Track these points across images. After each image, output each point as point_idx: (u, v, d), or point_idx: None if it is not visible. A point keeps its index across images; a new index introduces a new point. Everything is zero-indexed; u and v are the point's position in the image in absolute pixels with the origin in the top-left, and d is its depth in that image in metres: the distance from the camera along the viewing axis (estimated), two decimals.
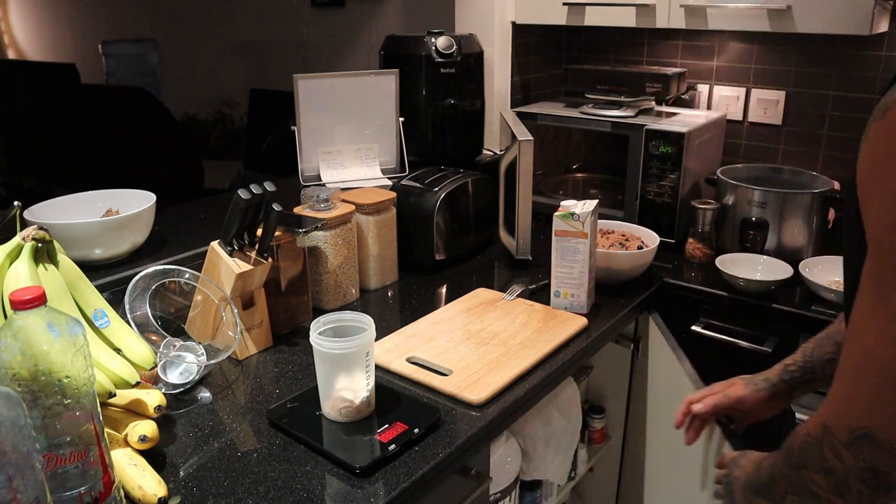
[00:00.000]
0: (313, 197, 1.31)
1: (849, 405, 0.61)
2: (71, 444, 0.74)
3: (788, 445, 0.71)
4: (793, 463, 0.69)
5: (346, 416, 0.97)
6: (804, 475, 0.67)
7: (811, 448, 0.65)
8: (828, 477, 0.64)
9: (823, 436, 0.64)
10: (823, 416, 0.64)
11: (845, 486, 0.63)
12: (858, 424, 0.60)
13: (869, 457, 0.60)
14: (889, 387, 0.58)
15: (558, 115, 1.77)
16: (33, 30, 5.33)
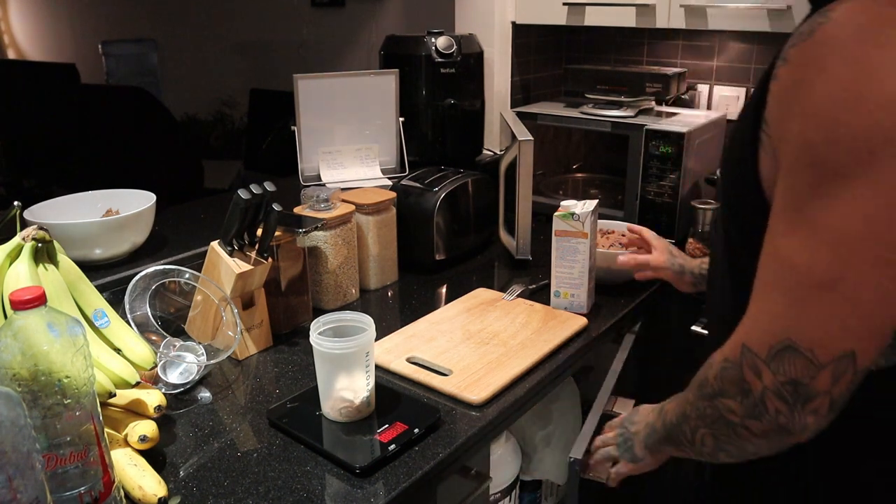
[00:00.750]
0: (313, 197, 1.31)
1: (769, 320, 0.62)
2: (71, 444, 0.74)
3: (701, 378, 0.71)
4: (707, 394, 0.69)
5: (346, 416, 0.97)
6: (718, 404, 0.68)
7: (729, 372, 0.66)
8: (744, 401, 0.65)
9: (742, 356, 0.64)
10: (742, 338, 0.65)
11: (762, 406, 0.63)
12: (779, 338, 0.61)
13: (789, 369, 0.61)
14: (809, 294, 0.59)
15: (558, 115, 1.77)
16: (33, 30, 5.34)
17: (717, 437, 0.70)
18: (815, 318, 0.59)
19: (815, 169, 0.58)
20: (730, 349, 0.66)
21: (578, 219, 1.24)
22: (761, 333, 0.63)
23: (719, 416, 0.68)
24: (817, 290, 0.58)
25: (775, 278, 0.62)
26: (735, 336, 0.66)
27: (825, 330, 0.59)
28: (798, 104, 0.58)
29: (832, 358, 0.59)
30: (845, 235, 0.57)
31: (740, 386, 0.65)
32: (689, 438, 0.74)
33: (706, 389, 0.69)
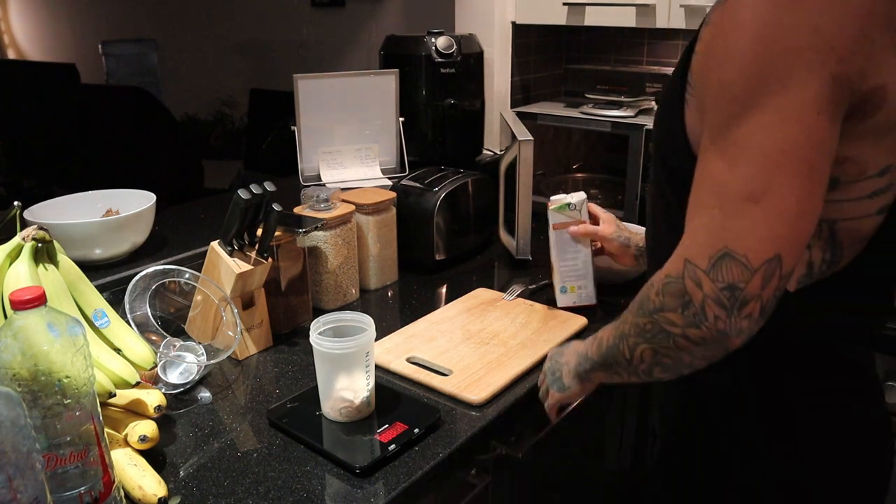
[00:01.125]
0: (313, 197, 1.31)
1: (706, 233, 0.68)
2: (71, 444, 0.74)
3: (641, 297, 0.76)
4: (648, 310, 0.74)
5: (346, 416, 0.97)
6: (659, 318, 0.73)
7: (671, 286, 0.71)
8: (684, 312, 0.70)
9: (685, 269, 0.70)
10: (683, 253, 0.70)
11: (702, 314, 0.69)
12: (717, 248, 0.67)
13: (727, 275, 0.67)
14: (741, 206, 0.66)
15: (558, 115, 1.77)
16: (33, 30, 5.34)
17: (657, 350, 0.75)
18: (746, 226, 0.66)
19: (734, 101, 0.67)
20: (672, 266, 0.72)
21: (575, 208, 1.24)
22: (700, 246, 0.69)
23: (660, 330, 0.73)
24: (747, 202, 0.66)
25: (709, 197, 0.69)
26: (676, 254, 0.72)
27: (756, 236, 0.66)
28: (718, 53, 0.69)
29: (762, 261, 0.66)
30: (766, 153, 0.65)
31: (682, 298, 0.70)
32: (627, 357, 0.79)
33: (647, 306, 0.74)
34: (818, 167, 0.66)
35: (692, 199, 0.72)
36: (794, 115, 0.65)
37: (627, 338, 0.78)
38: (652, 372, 0.78)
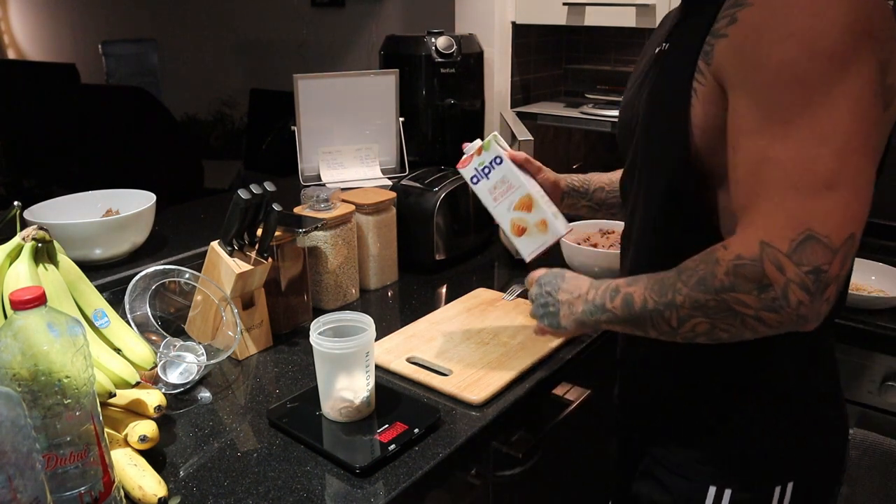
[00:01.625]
0: (313, 197, 1.31)
1: (788, 216, 0.67)
2: (71, 444, 0.74)
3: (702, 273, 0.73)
4: (713, 288, 0.72)
5: (346, 416, 0.97)
6: (727, 298, 0.71)
7: (746, 269, 0.69)
8: (761, 295, 0.69)
9: (763, 252, 0.68)
10: (757, 236, 0.69)
11: (783, 299, 0.68)
12: (799, 230, 0.67)
13: (812, 258, 0.66)
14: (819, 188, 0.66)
15: (558, 115, 1.77)
16: (33, 30, 5.33)
17: (715, 325, 0.74)
18: (828, 208, 0.66)
19: (797, 82, 0.67)
20: (743, 247, 0.70)
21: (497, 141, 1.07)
22: (781, 229, 0.67)
23: (727, 308, 0.72)
24: (827, 185, 0.66)
25: (780, 180, 0.68)
26: (746, 234, 0.70)
27: (836, 217, 0.66)
28: (771, 33, 0.68)
29: (843, 241, 0.67)
30: (841, 133, 0.66)
31: (759, 281, 0.68)
32: (674, 325, 0.77)
33: (712, 284, 0.72)
34: (878, 147, 0.70)
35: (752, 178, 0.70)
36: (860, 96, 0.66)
37: (679, 308, 0.76)
38: (695, 339, 0.78)
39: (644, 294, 0.81)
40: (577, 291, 0.92)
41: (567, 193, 1.18)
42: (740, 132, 0.71)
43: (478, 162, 1.06)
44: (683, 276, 0.76)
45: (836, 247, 0.66)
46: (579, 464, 1.41)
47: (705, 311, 0.74)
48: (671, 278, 0.78)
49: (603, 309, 0.87)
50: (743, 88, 0.71)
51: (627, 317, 0.83)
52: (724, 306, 0.72)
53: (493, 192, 1.05)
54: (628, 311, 0.83)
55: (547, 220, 1.03)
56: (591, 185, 1.19)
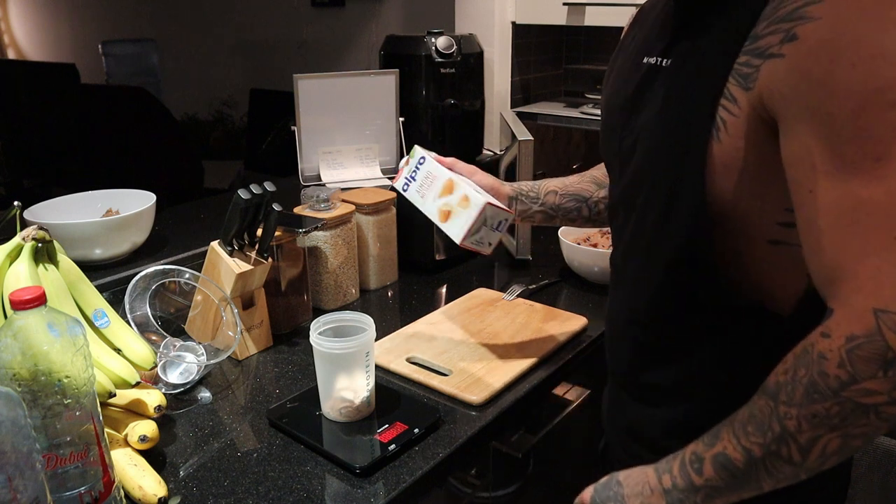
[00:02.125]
0: (313, 197, 1.31)
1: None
2: (71, 444, 0.74)
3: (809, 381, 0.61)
4: (831, 390, 0.59)
5: (346, 416, 0.97)
6: (850, 394, 0.59)
7: (864, 349, 0.57)
8: (889, 372, 0.57)
9: (878, 322, 0.57)
10: (868, 304, 0.58)
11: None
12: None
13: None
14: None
15: (558, 115, 1.77)
16: (33, 30, 5.33)
17: (847, 435, 0.61)
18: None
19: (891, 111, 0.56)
20: (855, 324, 0.58)
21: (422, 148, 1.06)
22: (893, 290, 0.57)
23: (853, 408, 0.59)
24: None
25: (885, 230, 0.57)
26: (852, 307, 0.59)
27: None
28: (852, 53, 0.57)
29: None
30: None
31: (883, 357, 0.57)
32: (796, 460, 0.64)
33: (826, 387, 0.60)
34: None
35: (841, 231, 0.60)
36: None
37: (797, 436, 0.62)
38: (825, 464, 0.64)
39: (741, 445, 0.66)
40: (645, 487, 0.75)
41: (515, 199, 1.09)
42: (816, 172, 0.60)
43: (406, 171, 1.05)
44: (783, 397, 0.63)
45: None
46: (579, 464, 1.41)
47: (830, 423, 0.61)
48: (766, 408, 0.65)
49: (693, 488, 0.70)
50: (815, 120, 0.59)
51: (731, 481, 0.68)
52: (851, 406, 0.59)
53: (420, 191, 1.02)
54: (730, 475, 0.68)
55: (468, 195, 0.96)
56: (541, 190, 1.10)
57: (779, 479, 0.66)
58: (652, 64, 0.77)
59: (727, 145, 0.66)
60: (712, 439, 0.70)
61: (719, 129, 0.66)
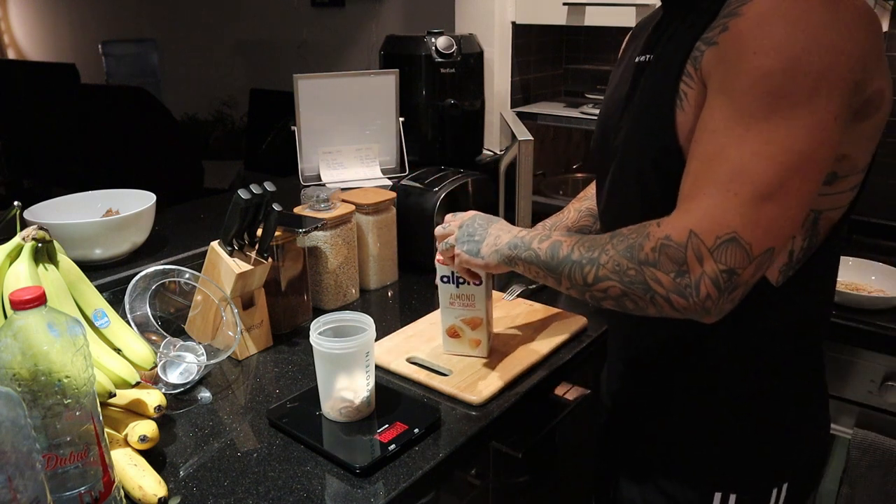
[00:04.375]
0: (313, 197, 1.31)
1: (720, 214, 0.70)
2: (71, 444, 0.74)
3: (633, 242, 0.76)
4: (638, 259, 0.75)
5: (346, 416, 0.97)
6: (646, 271, 0.74)
7: (671, 251, 0.72)
8: (677, 279, 0.72)
9: (689, 240, 0.71)
10: (690, 224, 0.71)
11: (694, 288, 0.71)
12: (726, 230, 0.69)
13: (730, 260, 0.70)
14: (758, 198, 0.69)
15: (558, 115, 1.77)
16: (33, 30, 5.34)
17: (626, 293, 0.77)
18: (758, 218, 0.69)
19: (769, 93, 0.68)
20: (674, 230, 0.72)
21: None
22: (710, 224, 0.70)
23: (642, 282, 0.75)
24: (763, 196, 0.69)
25: (727, 179, 0.70)
26: (680, 220, 0.73)
27: (763, 228, 0.69)
28: (756, 42, 0.69)
29: (761, 252, 0.70)
30: (791, 152, 0.68)
31: (678, 265, 0.72)
32: (588, 281, 0.80)
33: (637, 254, 0.75)
34: (824, 170, 0.72)
35: (701, 171, 0.73)
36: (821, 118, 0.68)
37: (601, 266, 0.79)
38: (602, 301, 0.80)
39: (573, 245, 0.83)
40: (508, 229, 0.94)
41: None
42: (706, 129, 0.73)
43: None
44: (615, 240, 0.79)
45: (754, 255, 0.70)
46: (579, 464, 1.41)
47: (623, 277, 0.76)
48: (603, 238, 0.81)
49: (527, 246, 0.89)
50: (721, 91, 0.73)
51: (549, 260, 0.85)
52: (641, 279, 0.75)
53: (452, 299, 1.09)
54: (551, 255, 0.85)
55: (481, 342, 1.11)
56: None
57: (571, 284, 0.83)
58: (640, 62, 0.87)
59: (689, 114, 0.77)
60: (567, 234, 0.86)
61: (682, 99, 0.77)
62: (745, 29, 0.71)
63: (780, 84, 0.68)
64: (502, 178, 1.56)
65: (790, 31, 0.68)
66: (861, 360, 1.38)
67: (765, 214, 0.69)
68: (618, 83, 0.94)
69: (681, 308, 0.73)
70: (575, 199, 1.24)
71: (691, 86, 0.76)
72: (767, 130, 0.69)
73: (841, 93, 0.69)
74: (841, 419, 1.41)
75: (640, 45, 0.90)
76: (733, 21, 0.72)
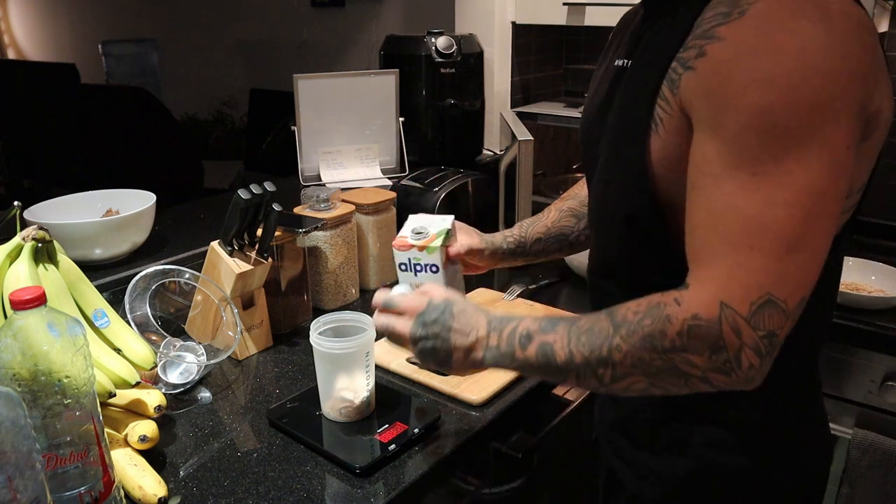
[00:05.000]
0: (313, 197, 1.31)
1: (747, 276, 0.63)
2: (71, 444, 0.74)
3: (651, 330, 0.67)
4: (662, 348, 0.67)
5: (346, 416, 0.97)
6: (675, 358, 0.67)
7: (702, 331, 0.65)
8: (713, 356, 0.65)
9: (721, 314, 0.64)
10: (716, 295, 0.64)
11: (735, 362, 0.65)
12: (760, 293, 0.63)
13: (769, 322, 0.63)
14: (784, 250, 0.62)
15: (558, 115, 1.77)
16: (33, 30, 5.33)
17: (655, 385, 0.69)
18: (788, 271, 0.63)
19: (772, 133, 0.61)
20: (701, 306, 0.65)
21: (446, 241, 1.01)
22: (740, 290, 0.64)
23: (672, 368, 0.67)
24: (790, 247, 0.62)
25: (743, 235, 0.63)
26: (704, 292, 0.66)
27: (795, 281, 0.63)
28: (747, 74, 0.62)
29: (796, 305, 0.64)
30: (810, 194, 0.62)
31: (714, 343, 0.65)
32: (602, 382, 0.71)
33: (661, 344, 0.67)
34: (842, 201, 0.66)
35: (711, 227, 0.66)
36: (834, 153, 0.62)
37: (617, 365, 0.70)
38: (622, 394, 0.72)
39: (568, 347, 0.74)
40: (473, 333, 0.79)
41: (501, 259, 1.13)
42: (704, 174, 0.66)
43: (414, 255, 0.99)
44: (623, 332, 0.70)
45: (790, 311, 0.64)
46: (580, 464, 1.41)
47: (647, 369, 0.69)
48: (604, 331, 0.71)
49: (512, 358, 0.77)
50: (712, 129, 0.65)
51: (545, 369, 0.75)
52: (671, 365, 0.67)
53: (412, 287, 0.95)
54: (546, 362, 0.75)
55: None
56: (528, 240, 1.13)
57: (582, 385, 0.75)
58: (619, 66, 0.81)
59: (665, 140, 0.71)
60: (549, 327, 0.76)
61: (657, 123, 0.71)
62: (727, 58, 0.63)
63: (783, 121, 0.61)
64: (502, 178, 1.56)
65: (781, 58, 0.61)
66: (861, 360, 1.38)
67: (795, 265, 0.63)
68: (598, 85, 0.88)
69: (722, 384, 0.67)
70: (558, 199, 1.19)
71: (668, 111, 0.70)
72: (778, 174, 0.62)
73: (848, 119, 0.62)
74: (841, 419, 1.41)
75: (622, 45, 0.84)
76: (711, 46, 0.65)
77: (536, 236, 1.12)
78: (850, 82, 0.62)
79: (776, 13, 0.62)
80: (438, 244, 0.98)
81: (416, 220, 1.03)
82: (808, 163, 0.61)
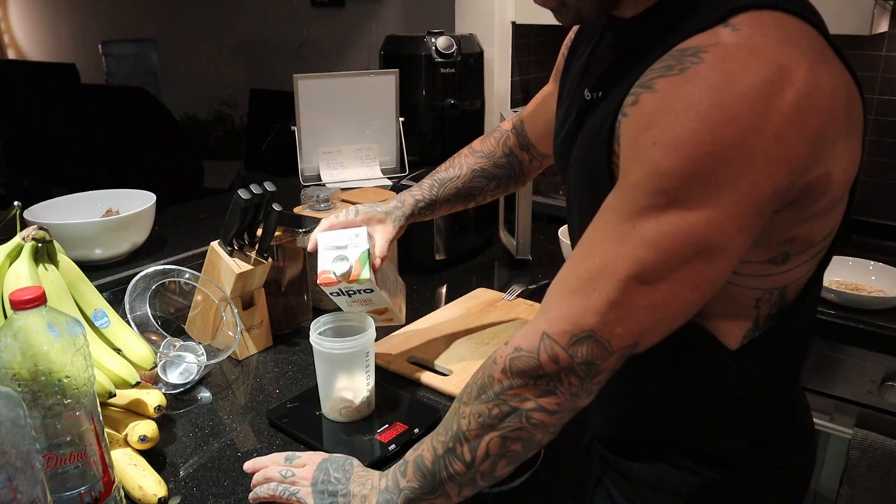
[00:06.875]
0: (313, 197, 1.31)
1: (578, 314, 0.65)
2: (71, 444, 0.74)
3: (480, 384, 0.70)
4: (493, 393, 0.69)
5: (346, 416, 0.97)
6: (507, 397, 0.68)
7: (522, 361, 0.67)
8: (537, 384, 0.67)
9: (541, 344, 0.67)
10: (540, 327, 0.67)
11: (556, 381, 0.67)
12: (584, 330, 0.65)
13: (587, 354, 0.65)
14: (621, 296, 0.63)
15: None
16: (33, 30, 5.33)
17: (506, 437, 0.70)
18: (617, 317, 0.64)
19: (664, 195, 0.61)
20: (524, 339, 0.68)
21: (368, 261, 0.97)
22: (566, 324, 0.66)
23: (510, 410, 0.69)
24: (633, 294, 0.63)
25: (591, 277, 0.65)
26: (531, 326, 0.69)
27: (624, 327, 0.64)
28: (660, 132, 0.60)
29: (622, 347, 0.65)
30: (672, 255, 0.62)
31: (535, 371, 0.67)
32: (468, 460, 0.71)
33: (491, 388, 0.69)
34: (718, 280, 0.64)
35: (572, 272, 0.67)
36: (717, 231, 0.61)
37: (466, 434, 0.71)
38: (496, 469, 0.72)
39: (431, 444, 0.74)
40: (369, 483, 0.79)
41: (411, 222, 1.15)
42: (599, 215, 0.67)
43: (345, 286, 0.97)
44: (464, 398, 0.72)
45: (613, 349, 0.65)
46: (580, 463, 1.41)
47: (491, 422, 0.69)
48: (453, 408, 0.73)
49: (398, 489, 0.76)
50: (622, 175, 0.65)
51: (423, 483, 0.74)
52: (507, 408, 0.68)
53: (350, 304, 1.00)
54: (422, 474, 0.74)
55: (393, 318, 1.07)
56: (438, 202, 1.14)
57: (460, 482, 0.73)
58: (588, 99, 0.78)
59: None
60: (419, 445, 0.76)
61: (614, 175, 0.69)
62: (652, 110, 0.62)
63: (679, 186, 0.60)
64: None
65: (699, 126, 0.58)
66: (861, 360, 1.38)
67: (627, 315, 0.63)
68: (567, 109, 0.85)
69: (555, 408, 0.68)
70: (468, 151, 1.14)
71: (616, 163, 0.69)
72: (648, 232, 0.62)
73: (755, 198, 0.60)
74: (841, 419, 1.41)
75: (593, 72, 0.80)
76: (645, 95, 0.63)
77: (447, 196, 1.13)
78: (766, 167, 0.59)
79: (711, 80, 0.59)
80: (367, 274, 0.95)
81: (326, 241, 0.98)
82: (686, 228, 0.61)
